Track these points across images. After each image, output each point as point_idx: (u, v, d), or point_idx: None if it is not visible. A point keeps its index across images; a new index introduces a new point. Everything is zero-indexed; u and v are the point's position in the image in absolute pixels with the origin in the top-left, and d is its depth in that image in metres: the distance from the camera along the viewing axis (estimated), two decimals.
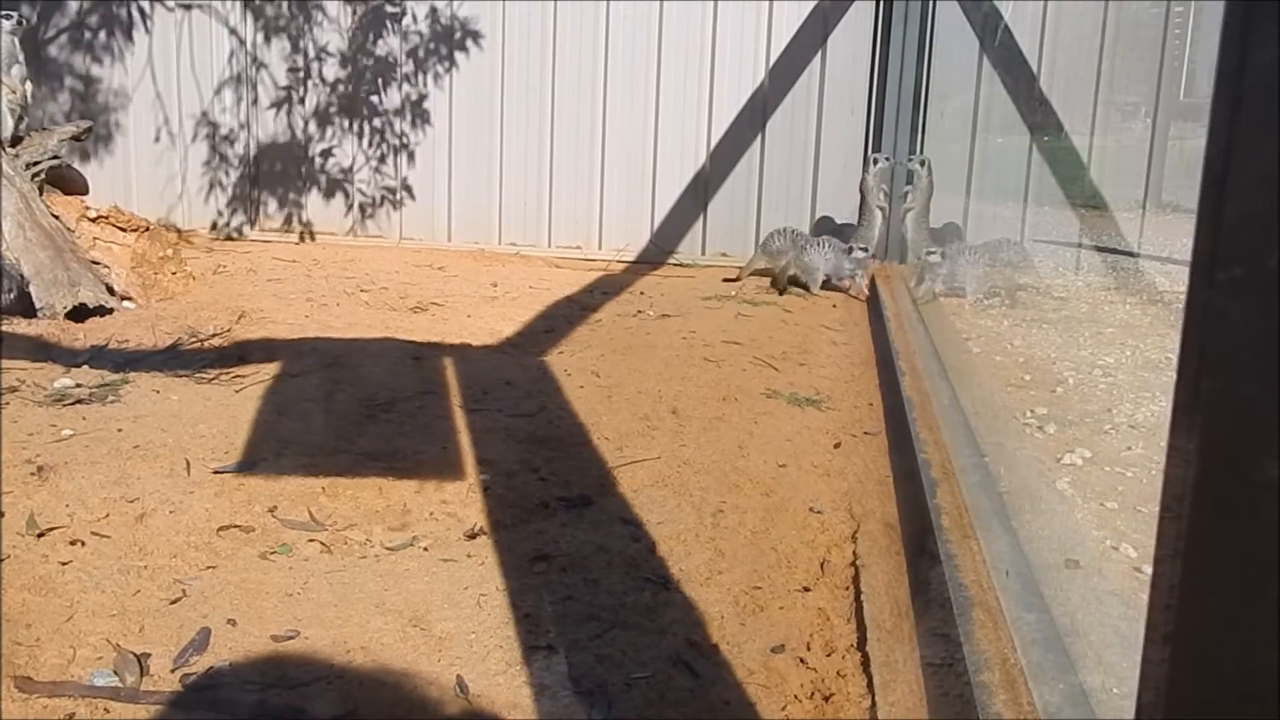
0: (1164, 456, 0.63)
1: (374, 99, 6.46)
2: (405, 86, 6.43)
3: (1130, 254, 5.23)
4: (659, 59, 6.21)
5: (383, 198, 6.58)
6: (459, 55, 6.34)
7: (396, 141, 6.50)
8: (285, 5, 6.39)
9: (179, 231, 6.49)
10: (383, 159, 6.54)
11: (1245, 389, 0.58)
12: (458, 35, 6.32)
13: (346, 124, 6.52)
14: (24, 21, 4.61)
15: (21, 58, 4.51)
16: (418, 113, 6.44)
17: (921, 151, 5.65)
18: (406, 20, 6.34)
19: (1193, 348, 0.59)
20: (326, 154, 6.55)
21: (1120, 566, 2.13)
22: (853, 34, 6.04)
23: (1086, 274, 5.31)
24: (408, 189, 6.55)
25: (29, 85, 4.57)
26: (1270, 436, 0.57)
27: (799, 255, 5.48)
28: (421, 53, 6.36)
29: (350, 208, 6.61)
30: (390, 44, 6.39)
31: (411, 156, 6.51)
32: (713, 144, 6.26)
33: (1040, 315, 4.77)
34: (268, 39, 6.45)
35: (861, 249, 5.43)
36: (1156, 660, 0.63)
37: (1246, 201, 0.56)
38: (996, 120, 5.67)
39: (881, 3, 5.99)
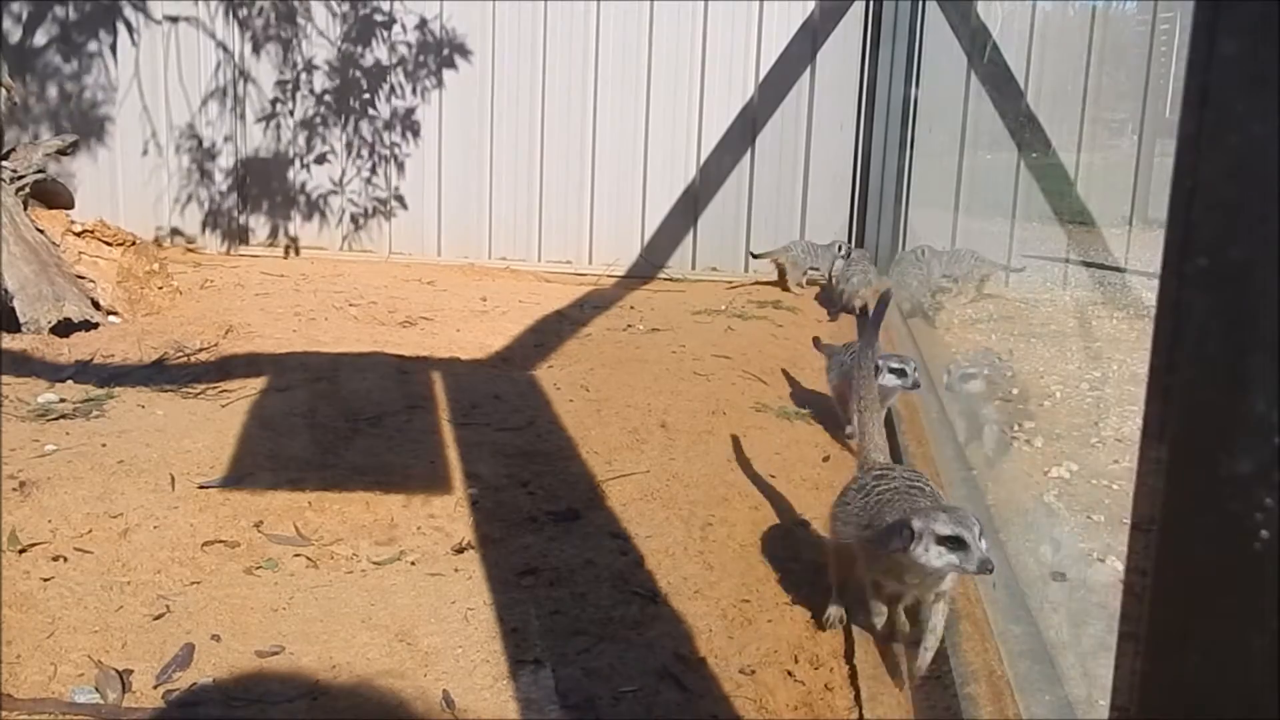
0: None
1: (367, 110, 6.46)
2: (394, 100, 6.44)
3: (1117, 269, 5.26)
4: (649, 73, 6.23)
5: (374, 209, 6.57)
6: (447, 72, 6.36)
7: (386, 155, 6.51)
8: (272, 15, 6.40)
9: (171, 242, 6.48)
10: (373, 172, 6.54)
11: (1209, 384, 0.58)
12: (445, 51, 6.34)
13: (335, 138, 6.52)
14: None
15: None
16: (407, 126, 6.45)
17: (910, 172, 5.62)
18: (395, 29, 6.35)
19: (1163, 347, 0.59)
20: (316, 167, 6.55)
21: (1106, 579, 2.13)
22: (842, 50, 6.08)
23: (1074, 289, 5.33)
24: (399, 198, 6.55)
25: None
26: (1235, 431, 0.57)
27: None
28: (410, 65, 6.37)
29: (339, 222, 6.61)
30: (379, 54, 6.40)
31: (401, 170, 6.52)
32: (703, 159, 6.28)
33: (1028, 330, 4.78)
34: (256, 51, 6.45)
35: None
36: (1129, 664, 0.63)
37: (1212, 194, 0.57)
38: (985, 136, 5.69)
39: (870, 19, 6.03)
